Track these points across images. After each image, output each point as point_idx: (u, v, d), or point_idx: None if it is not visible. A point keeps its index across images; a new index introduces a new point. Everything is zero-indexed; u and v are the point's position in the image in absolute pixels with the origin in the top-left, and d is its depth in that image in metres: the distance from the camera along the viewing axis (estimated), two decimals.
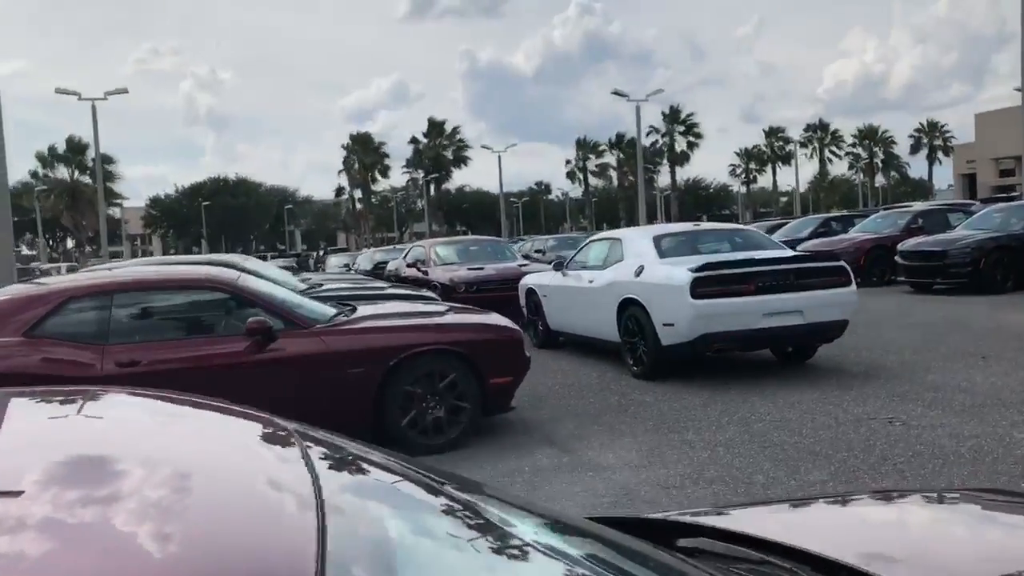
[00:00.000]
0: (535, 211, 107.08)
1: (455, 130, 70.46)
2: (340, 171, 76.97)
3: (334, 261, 33.49)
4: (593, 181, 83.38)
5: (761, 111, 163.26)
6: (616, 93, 36.61)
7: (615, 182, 79.67)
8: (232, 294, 5.94)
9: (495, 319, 6.82)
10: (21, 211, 75.00)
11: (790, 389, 7.65)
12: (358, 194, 78.20)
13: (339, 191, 78.27)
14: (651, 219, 73.27)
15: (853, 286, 8.23)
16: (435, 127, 70.16)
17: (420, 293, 9.84)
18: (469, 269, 13.65)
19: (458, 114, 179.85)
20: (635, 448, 6.07)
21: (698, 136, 72.99)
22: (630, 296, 8.58)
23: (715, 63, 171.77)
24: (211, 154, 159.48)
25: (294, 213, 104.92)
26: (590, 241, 10.59)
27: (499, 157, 55.17)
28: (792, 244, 19.10)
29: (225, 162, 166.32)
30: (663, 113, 72.21)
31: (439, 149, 69.39)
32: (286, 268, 33.45)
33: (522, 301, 11.72)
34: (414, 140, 71.27)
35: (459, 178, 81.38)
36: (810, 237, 20.16)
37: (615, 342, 9.00)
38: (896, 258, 15.84)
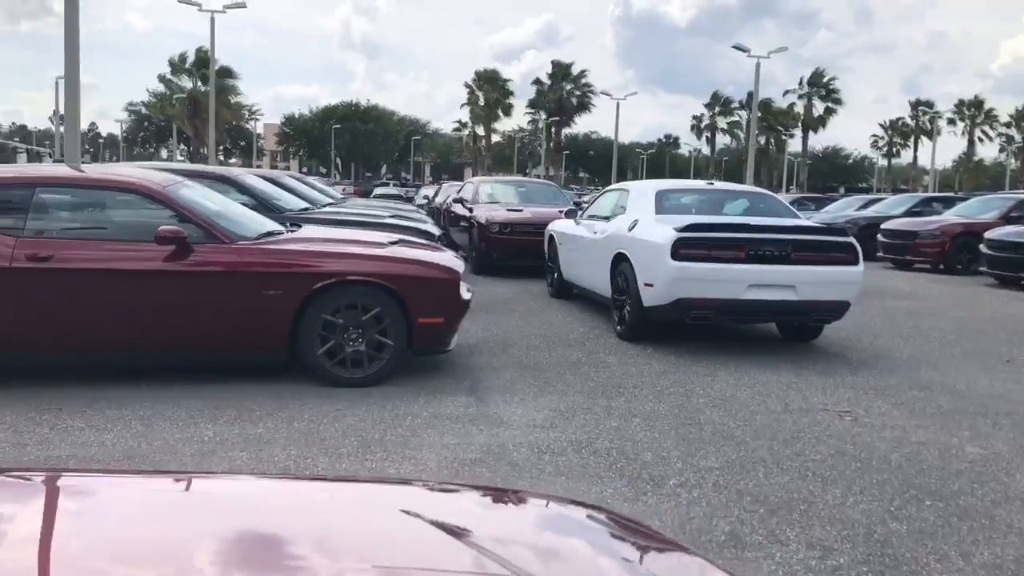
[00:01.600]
0: (662, 164, 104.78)
1: (581, 74, 69.01)
2: (463, 105, 76.92)
3: (424, 192, 33.74)
4: (724, 139, 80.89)
5: (924, 84, 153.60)
6: (736, 48, 34.83)
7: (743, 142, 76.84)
8: (156, 200, 5.83)
9: (434, 257, 6.50)
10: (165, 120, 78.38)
11: (764, 368, 7.06)
12: (480, 131, 78.09)
13: (460, 126, 78.31)
14: (778, 185, 70.52)
15: (860, 266, 7.48)
16: (560, 69, 68.93)
17: (419, 227, 9.55)
18: (508, 210, 13.27)
19: (606, 60, 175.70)
20: (550, 408, 5.70)
21: (837, 102, 69.31)
22: (621, 251, 8.09)
23: (882, 29, 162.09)
24: (361, 80, 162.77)
25: (421, 144, 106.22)
26: (606, 191, 10.06)
27: (617, 104, 53.85)
28: (882, 220, 17.91)
29: (373, 88, 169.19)
30: (815, 71, 69.06)
31: (562, 92, 68.24)
32: (396, 196, 34.10)
33: (545, 247, 11.32)
34: (537, 81, 70.37)
35: (588, 124, 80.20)
36: (904, 216, 18.76)
37: (609, 298, 8.54)
38: (981, 246, 14.51)
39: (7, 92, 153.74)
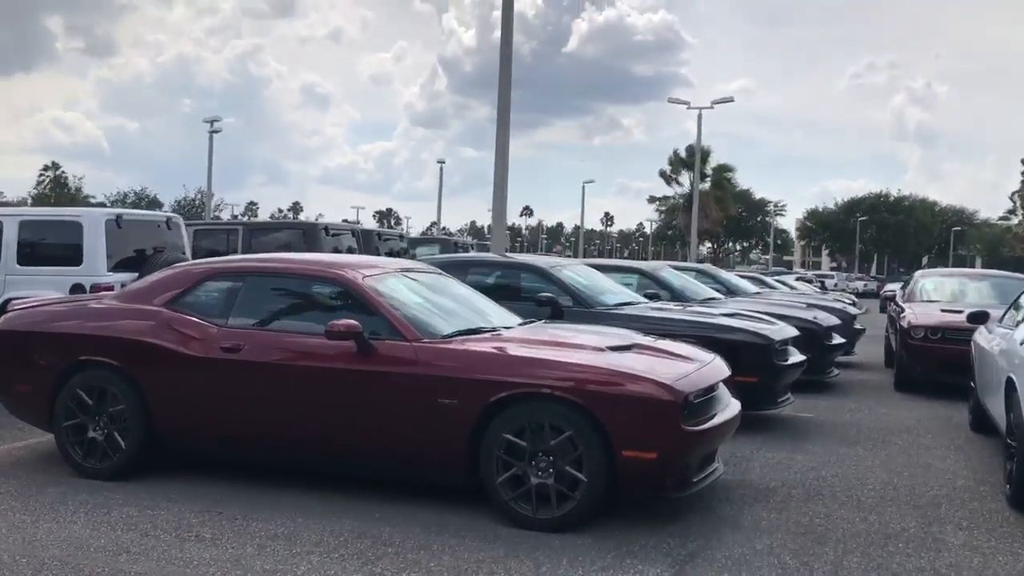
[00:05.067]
0: None
1: None
2: (1014, 193, 67.63)
3: (888, 288, 29.64)
4: None
5: None
6: None
7: None
8: (353, 292, 5.31)
9: (655, 369, 4.88)
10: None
11: None
12: None
13: (1008, 213, 68.76)
14: None
15: None
16: None
17: (754, 329, 7.64)
18: (943, 311, 10.42)
19: None
20: None
21: None
22: (1011, 374, 5.53)
23: None
24: (914, 171, 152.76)
25: (964, 236, 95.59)
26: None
27: None
28: None
29: (927, 179, 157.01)
30: None
31: None
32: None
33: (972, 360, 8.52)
34: None
35: None
36: None
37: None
38: None
39: (564, 196, 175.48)
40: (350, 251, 12.33)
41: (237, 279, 5.62)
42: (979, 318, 7.72)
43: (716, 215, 43.40)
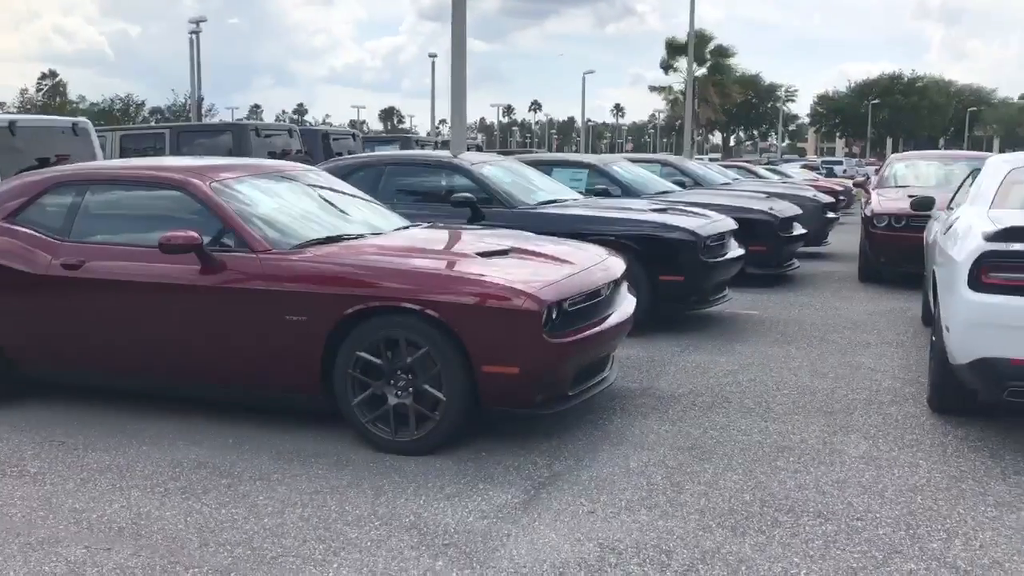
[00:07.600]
0: None
1: None
2: None
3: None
4: None
5: None
6: None
7: None
8: (197, 199, 4.80)
9: (522, 273, 4.40)
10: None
11: None
12: None
13: None
14: None
15: None
16: None
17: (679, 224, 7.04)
18: (909, 196, 9.78)
19: None
20: (621, 536, 3.40)
21: None
22: (934, 267, 5.02)
23: None
24: (936, 50, 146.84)
25: (980, 117, 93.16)
26: (976, 168, 6.50)
27: None
28: None
29: (950, 59, 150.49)
30: None
31: None
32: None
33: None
34: None
35: None
36: None
37: None
38: None
39: (576, 89, 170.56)
40: (284, 154, 11.76)
41: (80, 189, 5.11)
42: (923, 205, 7.14)
43: (716, 102, 41.89)
